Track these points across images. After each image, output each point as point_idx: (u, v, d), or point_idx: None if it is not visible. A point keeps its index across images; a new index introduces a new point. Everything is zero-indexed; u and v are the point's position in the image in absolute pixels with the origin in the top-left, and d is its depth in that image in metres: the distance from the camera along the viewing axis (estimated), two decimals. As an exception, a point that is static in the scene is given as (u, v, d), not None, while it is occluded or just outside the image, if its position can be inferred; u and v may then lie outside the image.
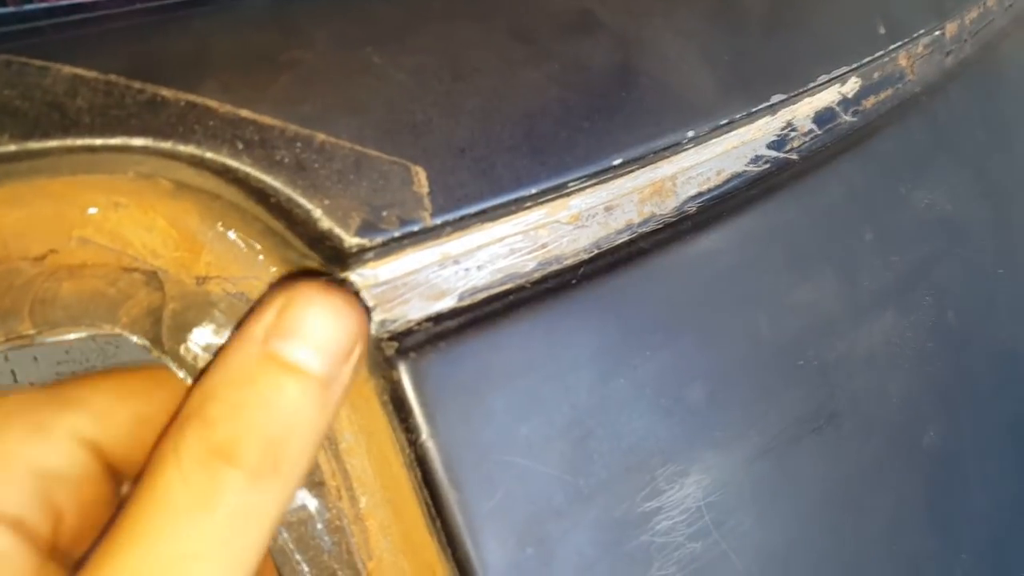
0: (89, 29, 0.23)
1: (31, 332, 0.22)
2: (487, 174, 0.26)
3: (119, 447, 0.22)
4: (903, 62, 0.45)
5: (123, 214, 0.23)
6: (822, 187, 0.36)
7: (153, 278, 0.24)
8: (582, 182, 0.28)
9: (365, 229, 0.24)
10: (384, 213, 0.24)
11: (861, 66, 0.40)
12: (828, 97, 0.38)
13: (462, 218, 0.26)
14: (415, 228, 0.25)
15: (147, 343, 0.23)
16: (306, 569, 0.24)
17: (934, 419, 0.37)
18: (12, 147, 0.20)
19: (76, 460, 0.21)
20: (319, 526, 0.24)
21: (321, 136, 0.24)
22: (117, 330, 0.23)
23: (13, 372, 0.87)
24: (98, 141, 0.21)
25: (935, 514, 0.36)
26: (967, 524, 0.38)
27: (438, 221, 0.25)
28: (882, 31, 0.42)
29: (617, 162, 0.29)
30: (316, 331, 0.19)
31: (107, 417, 0.22)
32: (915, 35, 0.45)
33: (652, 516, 0.27)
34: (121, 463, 0.22)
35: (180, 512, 0.17)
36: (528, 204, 0.27)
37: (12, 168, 0.21)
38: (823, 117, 0.38)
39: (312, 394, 0.19)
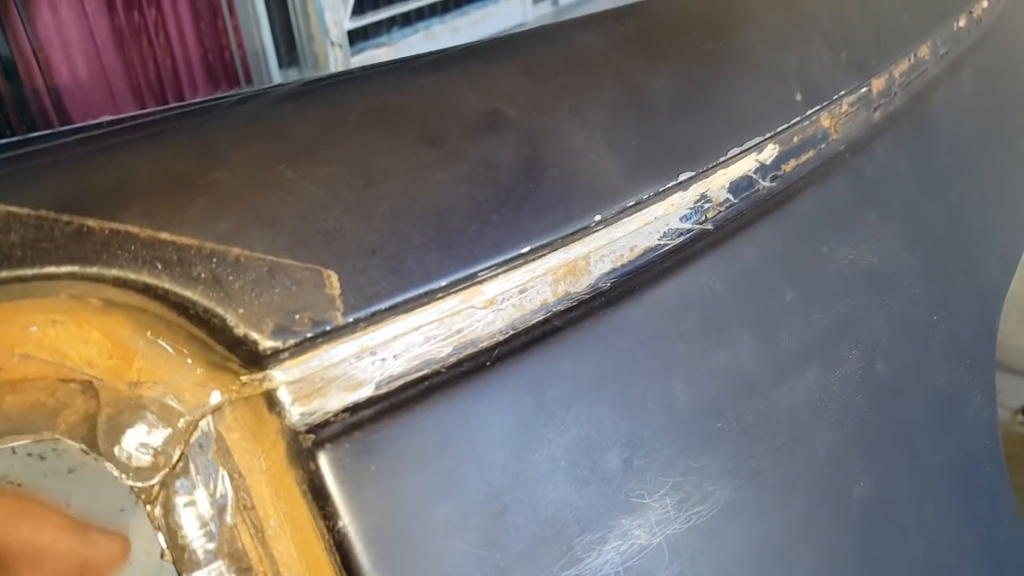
0: (23, 164, 0.26)
1: (-25, 444, 0.24)
2: (398, 271, 0.28)
3: None
4: (826, 123, 0.47)
5: (60, 330, 0.26)
6: (738, 253, 0.38)
7: (88, 387, 0.26)
8: (493, 270, 0.31)
9: (278, 332, 0.26)
10: (297, 316, 0.26)
11: (778, 133, 0.42)
12: (745, 166, 0.40)
13: (374, 313, 0.28)
14: (327, 327, 0.27)
15: (84, 446, 0.25)
16: (235, 652, 0.26)
17: (865, 470, 0.39)
18: (-49, 282, 0.23)
19: None
20: (247, 610, 0.26)
21: (236, 250, 0.26)
22: (56, 436, 0.25)
23: None
24: (29, 272, 0.24)
25: (869, 562, 0.37)
26: (905, 570, 0.39)
27: (350, 319, 0.27)
28: (799, 97, 0.44)
29: (526, 249, 0.31)
30: None
31: None
32: (836, 96, 0.47)
33: (569, 584, 0.29)
34: None
35: None
36: (441, 295, 0.29)
37: (-47, 299, 0.23)
38: (739, 186, 0.40)
39: None
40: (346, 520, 0.26)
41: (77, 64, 1.36)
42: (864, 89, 0.51)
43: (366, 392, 0.28)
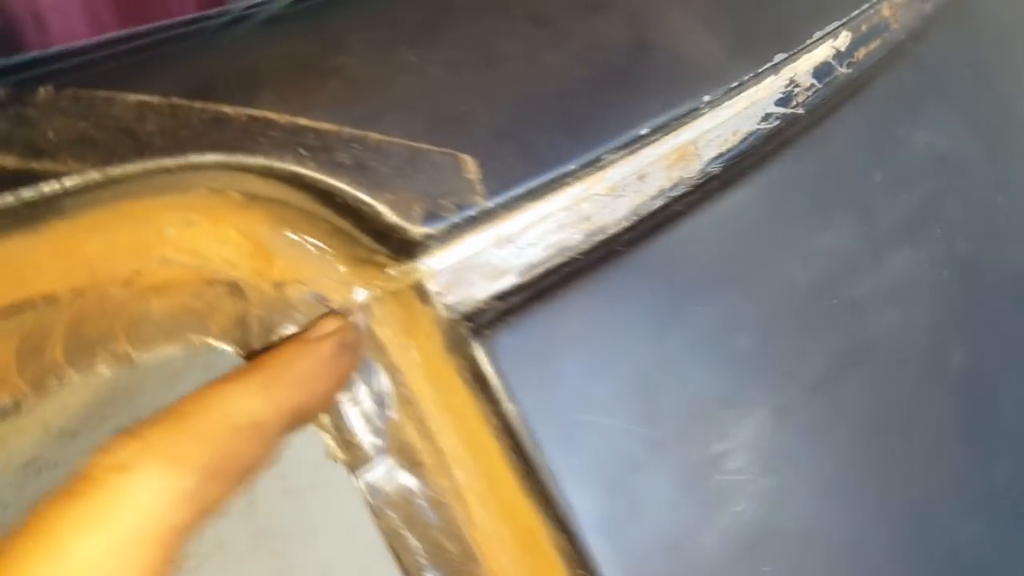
0: (140, 56, 0.24)
1: (129, 352, 0.23)
2: (530, 155, 0.27)
3: None
4: (886, 12, 0.46)
5: (196, 230, 0.24)
6: (830, 137, 0.37)
7: (235, 288, 0.25)
8: (614, 153, 0.30)
9: (428, 218, 0.25)
10: (442, 201, 0.25)
11: (850, 20, 0.42)
12: (824, 52, 0.40)
13: (512, 198, 0.27)
14: (472, 212, 0.26)
15: (240, 351, 0.24)
16: (418, 545, 0.25)
17: (957, 342, 0.39)
18: (96, 175, 0.21)
19: None
20: (423, 503, 0.25)
21: (375, 135, 0.25)
22: (209, 340, 0.24)
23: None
24: (172, 161, 0.22)
25: (971, 429, 0.38)
26: (1002, 435, 0.40)
27: (491, 204, 0.26)
28: (862, -16, 0.44)
29: (644, 131, 0.30)
30: None
31: None
32: (891, -15, 0.47)
33: (722, 457, 0.29)
34: None
35: None
36: (569, 180, 0.29)
37: (96, 196, 0.22)
38: (821, 71, 0.39)
39: None
40: (513, 403, 0.25)
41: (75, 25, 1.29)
42: (913, -21, 0.50)
43: (510, 280, 0.27)
